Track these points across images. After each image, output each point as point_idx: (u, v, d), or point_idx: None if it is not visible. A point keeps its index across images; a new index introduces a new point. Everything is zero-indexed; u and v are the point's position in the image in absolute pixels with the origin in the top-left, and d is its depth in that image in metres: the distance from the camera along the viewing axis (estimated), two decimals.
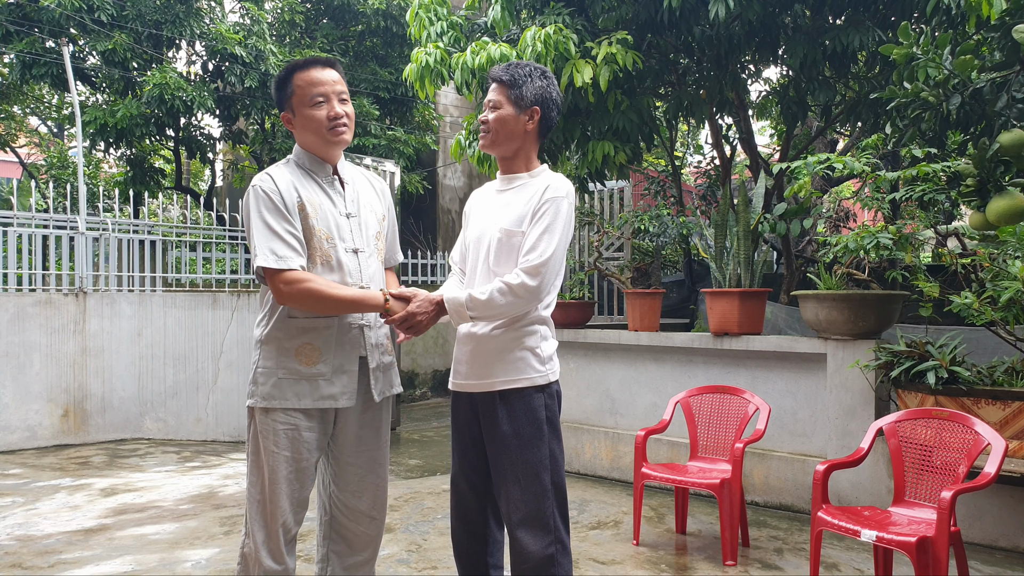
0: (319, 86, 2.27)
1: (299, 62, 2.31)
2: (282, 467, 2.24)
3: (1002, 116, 3.34)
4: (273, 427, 2.24)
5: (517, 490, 2.24)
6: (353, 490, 2.39)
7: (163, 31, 8.49)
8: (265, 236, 2.17)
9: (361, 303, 2.25)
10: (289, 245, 2.18)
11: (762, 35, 5.30)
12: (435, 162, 11.68)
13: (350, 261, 2.31)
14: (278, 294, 2.18)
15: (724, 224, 4.85)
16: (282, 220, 2.20)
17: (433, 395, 9.60)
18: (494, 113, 2.32)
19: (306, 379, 2.25)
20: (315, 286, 2.17)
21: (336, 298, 2.20)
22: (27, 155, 14.50)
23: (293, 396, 2.24)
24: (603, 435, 5.35)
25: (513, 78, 2.30)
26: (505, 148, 2.34)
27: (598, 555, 3.77)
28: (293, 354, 2.25)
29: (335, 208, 2.32)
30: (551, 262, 2.22)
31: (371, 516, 2.42)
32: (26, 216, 6.73)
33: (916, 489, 3.17)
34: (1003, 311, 3.72)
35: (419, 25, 5.76)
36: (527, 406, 2.28)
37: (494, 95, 2.33)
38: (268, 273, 2.17)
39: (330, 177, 2.36)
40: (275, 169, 2.29)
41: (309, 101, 2.26)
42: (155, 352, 7.00)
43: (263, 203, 2.20)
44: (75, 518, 4.45)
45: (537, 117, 2.32)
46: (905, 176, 3.46)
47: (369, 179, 2.52)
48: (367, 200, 2.43)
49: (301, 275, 2.17)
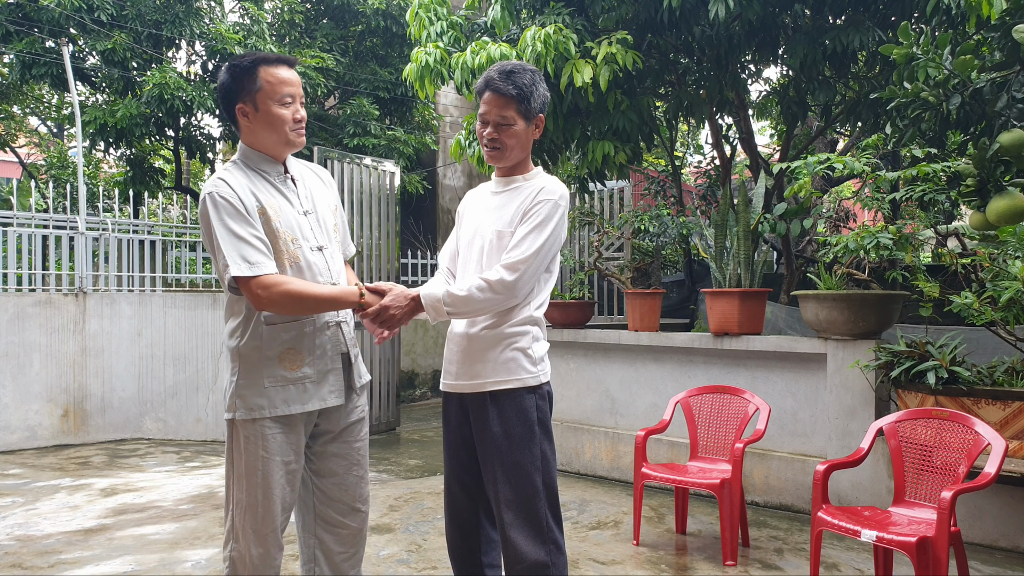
0: (289, 85, 2.22)
1: (265, 56, 2.24)
2: (276, 472, 2.22)
3: (1002, 116, 3.34)
4: (262, 433, 2.21)
5: (509, 491, 2.24)
6: (339, 482, 2.39)
7: (163, 31, 8.49)
8: (233, 244, 2.11)
9: (339, 299, 2.24)
10: (259, 250, 2.14)
11: (762, 35, 5.30)
12: (435, 162, 11.67)
13: (317, 259, 2.29)
14: (256, 300, 2.12)
15: (724, 224, 4.84)
16: (246, 225, 2.14)
17: (433, 395, 9.60)
18: (507, 131, 2.25)
19: (292, 384, 2.23)
20: (293, 287, 2.15)
21: (315, 296, 2.18)
22: (27, 155, 14.49)
23: (282, 403, 2.22)
24: (603, 435, 5.35)
25: (521, 91, 2.23)
26: (515, 160, 2.34)
27: (598, 555, 3.77)
28: (277, 361, 2.22)
29: (293, 208, 2.29)
30: (533, 260, 2.20)
31: (356, 508, 2.42)
32: (26, 216, 6.73)
33: (916, 489, 3.17)
34: (1003, 311, 3.72)
35: (419, 25, 5.76)
36: (518, 407, 2.27)
37: (503, 111, 2.24)
38: (242, 282, 2.11)
39: (283, 176, 2.32)
40: (226, 173, 2.21)
41: (278, 99, 2.20)
42: (155, 352, 7.00)
43: (224, 210, 2.13)
44: (75, 518, 4.44)
45: (541, 124, 2.33)
46: (905, 176, 3.46)
47: (315, 171, 2.49)
48: (319, 195, 2.41)
49: (277, 278, 2.13)
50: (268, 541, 2.24)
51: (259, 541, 2.23)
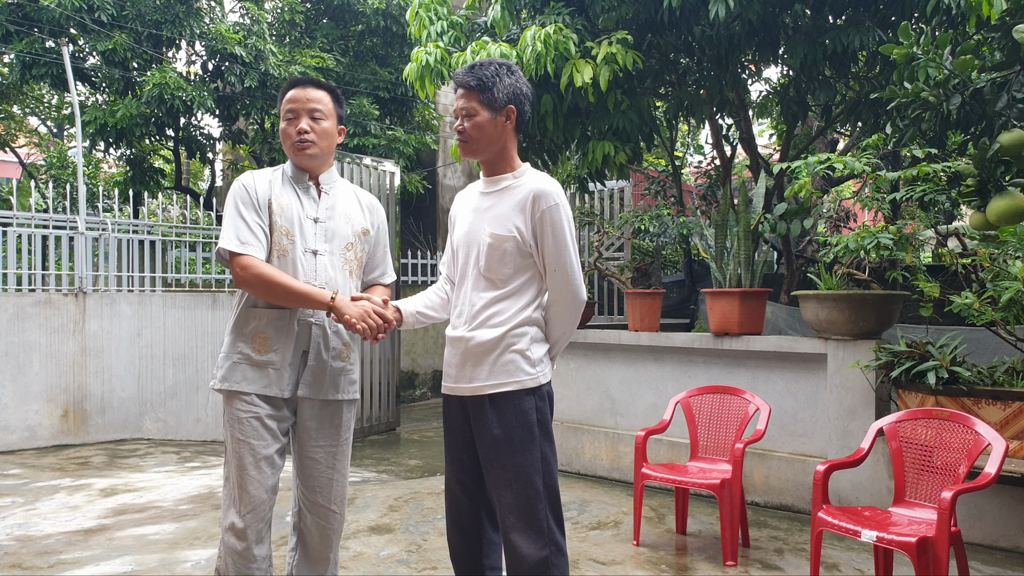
0: (293, 103, 2.43)
1: (294, 80, 2.50)
2: (246, 454, 2.36)
3: (1002, 116, 3.33)
4: (237, 415, 2.37)
5: (510, 494, 2.24)
6: (313, 484, 2.51)
7: (163, 31, 8.48)
8: (234, 223, 2.35)
9: (307, 296, 2.34)
10: (253, 234, 2.35)
11: (762, 35, 5.30)
12: (435, 162, 11.67)
13: (306, 261, 2.42)
14: (235, 277, 2.33)
15: (724, 224, 4.84)
16: (252, 211, 2.37)
17: (433, 395, 9.60)
18: (470, 121, 2.29)
19: (257, 366, 2.38)
20: (266, 271, 2.31)
21: (283, 286, 2.32)
22: (27, 155, 14.48)
23: (244, 380, 2.37)
24: (603, 435, 5.35)
25: (481, 81, 2.26)
26: (486, 152, 2.33)
27: (598, 555, 3.76)
28: (249, 340, 2.39)
29: (303, 211, 2.45)
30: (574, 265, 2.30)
31: (331, 509, 2.54)
32: (26, 216, 6.72)
33: (916, 489, 3.17)
34: (1003, 311, 3.72)
35: (419, 25, 5.76)
36: (518, 409, 2.26)
37: (465, 102, 2.29)
38: (231, 257, 2.33)
39: (306, 184, 2.49)
40: (261, 170, 2.48)
41: (283, 115, 2.45)
42: (155, 352, 7.00)
43: (239, 196, 2.38)
44: (75, 518, 4.44)
45: (513, 116, 2.32)
46: (905, 176, 3.46)
47: (357, 194, 2.63)
48: (345, 211, 2.54)
49: (256, 261, 2.32)
50: (246, 521, 2.34)
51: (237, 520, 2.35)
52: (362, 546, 3.88)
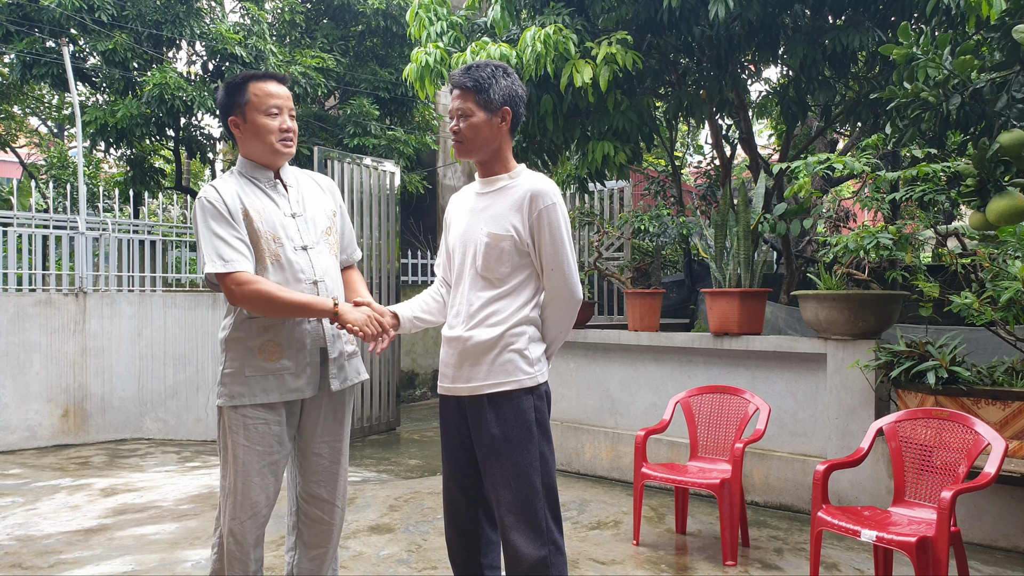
0: (275, 98, 2.40)
1: (255, 73, 2.44)
2: (254, 461, 2.35)
3: (1002, 116, 3.34)
4: (243, 422, 2.35)
5: (508, 493, 2.24)
6: (318, 479, 2.52)
7: (163, 31, 8.49)
8: (211, 243, 2.29)
9: (309, 307, 2.33)
10: (235, 249, 2.30)
11: (762, 35, 5.30)
12: (435, 162, 11.68)
13: (300, 258, 2.42)
14: (230, 295, 2.30)
15: (724, 224, 4.84)
16: (227, 226, 2.31)
17: (433, 395, 9.60)
18: (465, 121, 2.30)
19: (272, 374, 2.37)
20: (264, 288, 2.28)
21: (284, 301, 2.30)
22: (27, 155, 14.49)
23: (261, 392, 2.35)
24: (603, 435, 5.35)
25: (477, 83, 2.28)
26: (482, 153, 2.34)
27: (598, 555, 3.77)
28: (257, 352, 2.36)
29: (279, 210, 2.43)
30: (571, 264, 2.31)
31: (333, 504, 2.55)
32: (26, 216, 6.73)
33: (916, 489, 3.17)
34: (1003, 311, 3.72)
35: (419, 25, 5.76)
36: (516, 409, 2.27)
37: (461, 102, 2.30)
38: (219, 278, 2.29)
39: (272, 181, 2.47)
40: (219, 181, 2.41)
41: (264, 110, 2.38)
42: (155, 352, 7.00)
43: (208, 213, 2.31)
44: (75, 518, 4.45)
45: (509, 117, 2.33)
46: (905, 176, 3.46)
47: (315, 179, 2.63)
48: (313, 199, 2.54)
49: (250, 277, 2.29)
50: (245, 528, 2.35)
51: (237, 527, 2.35)
52: (362, 546, 3.89)
